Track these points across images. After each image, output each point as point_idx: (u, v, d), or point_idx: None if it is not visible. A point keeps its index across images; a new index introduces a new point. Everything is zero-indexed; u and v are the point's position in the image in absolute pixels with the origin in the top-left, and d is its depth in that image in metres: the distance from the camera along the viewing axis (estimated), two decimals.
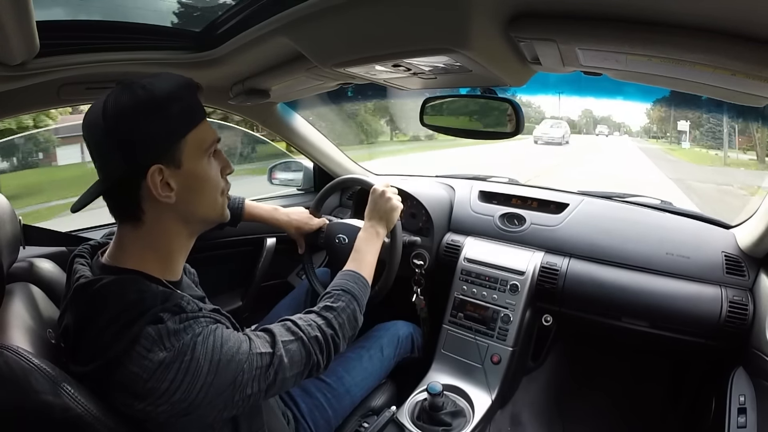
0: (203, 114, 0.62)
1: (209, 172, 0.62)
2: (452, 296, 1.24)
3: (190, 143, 0.59)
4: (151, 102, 0.55)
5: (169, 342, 0.52)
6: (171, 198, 0.58)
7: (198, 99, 0.61)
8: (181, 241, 0.64)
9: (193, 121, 0.59)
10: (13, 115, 0.99)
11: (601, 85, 0.96)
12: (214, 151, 0.63)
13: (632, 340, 1.19)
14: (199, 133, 0.60)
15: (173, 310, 0.55)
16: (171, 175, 0.57)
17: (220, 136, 0.63)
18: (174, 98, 0.57)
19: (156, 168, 0.56)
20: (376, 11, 0.60)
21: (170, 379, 0.51)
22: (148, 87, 0.56)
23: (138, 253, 0.60)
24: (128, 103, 0.55)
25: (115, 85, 0.57)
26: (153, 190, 0.56)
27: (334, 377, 0.96)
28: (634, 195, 1.32)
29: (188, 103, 0.59)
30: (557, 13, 0.54)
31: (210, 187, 0.63)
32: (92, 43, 0.79)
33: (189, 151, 0.59)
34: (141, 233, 0.60)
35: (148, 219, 0.59)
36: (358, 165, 1.66)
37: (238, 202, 1.10)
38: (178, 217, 0.61)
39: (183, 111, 0.58)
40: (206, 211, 0.64)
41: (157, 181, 0.56)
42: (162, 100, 0.56)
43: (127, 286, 0.55)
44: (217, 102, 1.20)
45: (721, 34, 0.47)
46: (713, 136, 8.47)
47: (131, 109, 0.55)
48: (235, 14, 0.78)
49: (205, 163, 0.61)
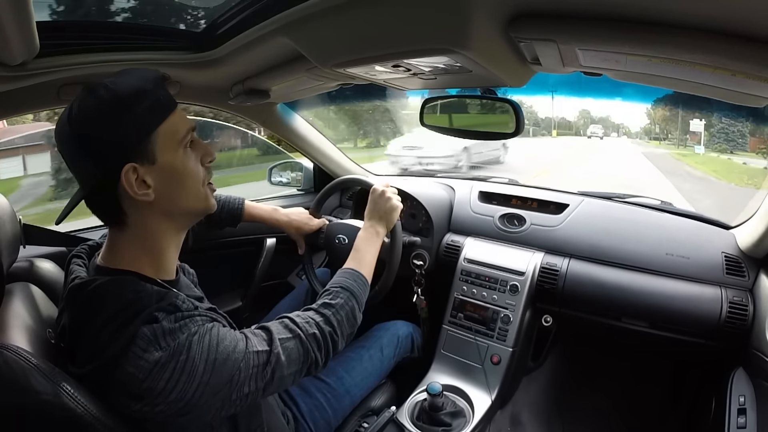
0: (173, 105, 0.59)
1: (186, 163, 0.60)
2: (452, 296, 1.24)
3: (161, 136, 0.57)
4: (115, 101, 0.54)
5: (165, 341, 0.52)
6: (149, 195, 0.57)
7: (166, 90, 0.59)
8: (170, 237, 0.63)
9: (161, 113, 0.57)
10: (13, 115, 0.99)
11: (599, 86, 0.96)
12: (191, 141, 0.61)
13: (632, 341, 1.19)
14: (171, 125, 0.58)
15: (168, 309, 0.55)
16: (146, 172, 0.56)
17: (195, 124, 0.61)
18: (139, 93, 0.55)
19: (129, 167, 0.54)
20: (376, 12, 0.60)
21: (166, 378, 0.51)
22: (111, 86, 0.54)
23: (129, 254, 0.59)
24: (92, 106, 0.54)
25: (80, 91, 0.56)
26: (129, 190, 0.55)
27: (333, 377, 0.96)
28: (633, 195, 1.32)
29: (155, 96, 0.57)
30: (557, 13, 0.54)
31: (189, 179, 0.61)
32: (92, 43, 0.79)
33: (162, 145, 0.57)
34: (128, 236, 0.59)
35: (132, 221, 0.58)
36: (358, 165, 1.66)
37: (238, 202, 1.09)
38: (161, 214, 0.60)
39: (150, 105, 0.56)
40: (190, 204, 0.62)
41: (132, 180, 0.55)
42: (126, 96, 0.55)
43: (123, 286, 0.55)
44: (217, 102, 1.20)
45: (721, 34, 0.47)
46: (726, 138, 6.96)
47: (96, 112, 0.54)
48: (235, 14, 0.78)
49: (181, 155, 0.59)
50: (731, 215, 1.15)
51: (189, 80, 1.02)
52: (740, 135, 6.47)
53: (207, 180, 0.64)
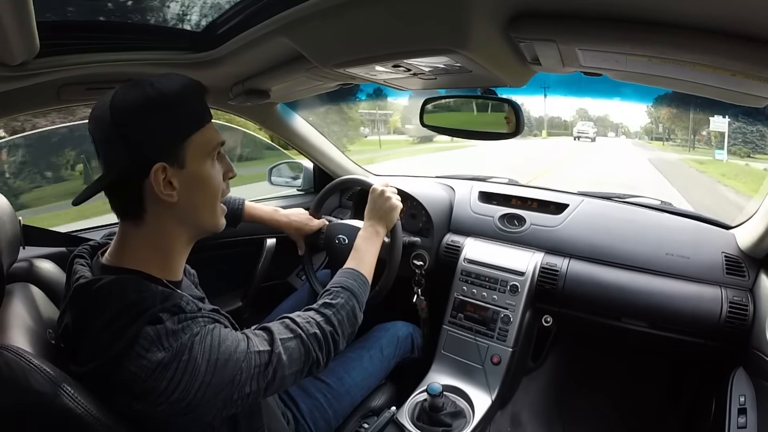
0: (209, 116, 0.62)
1: (212, 174, 0.62)
2: (452, 297, 1.24)
3: (194, 144, 0.59)
4: (160, 100, 0.56)
5: (168, 342, 0.52)
6: (173, 197, 0.58)
7: (204, 101, 0.62)
8: (181, 244, 0.64)
9: (199, 122, 0.60)
10: (13, 115, 0.99)
11: (596, 86, 0.96)
12: (218, 153, 0.63)
13: (632, 341, 1.19)
14: (204, 135, 0.60)
15: (172, 311, 0.55)
16: (174, 174, 0.58)
17: (224, 139, 0.63)
18: (181, 99, 0.58)
19: (160, 166, 0.56)
20: (376, 12, 0.60)
21: (168, 378, 0.51)
22: (157, 85, 0.56)
23: (139, 252, 0.60)
24: (137, 100, 0.55)
25: (124, 83, 0.57)
26: (156, 188, 0.56)
27: (334, 378, 0.96)
28: (633, 195, 1.33)
29: (195, 104, 0.60)
30: (557, 13, 0.54)
31: (212, 189, 0.63)
32: (92, 43, 0.79)
33: (193, 152, 0.59)
34: (142, 232, 0.60)
35: (150, 218, 0.59)
36: (359, 165, 1.66)
37: (238, 203, 1.09)
38: (178, 219, 0.61)
39: (190, 112, 0.59)
40: (206, 216, 0.64)
41: (159, 179, 0.56)
42: (170, 99, 0.57)
43: (128, 286, 0.55)
44: (217, 102, 1.20)
45: (721, 34, 0.47)
46: (744, 139, 5.94)
47: (139, 106, 0.55)
48: (235, 14, 0.78)
49: (208, 165, 0.61)
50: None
51: None
52: (760, 136, 5.39)
53: (224, 195, 0.66)
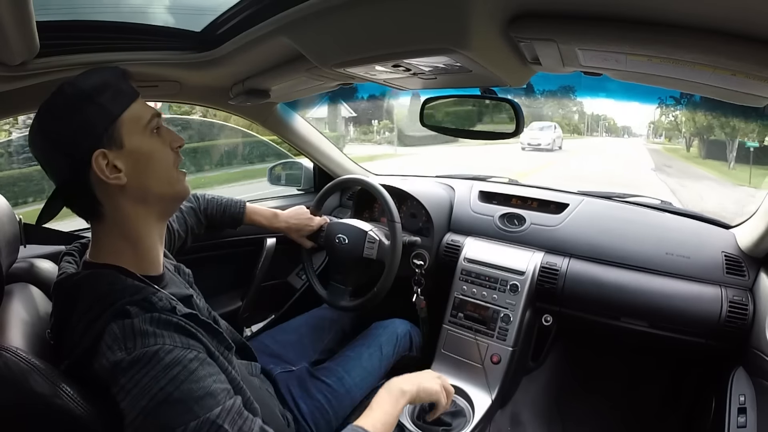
0: (134, 94, 0.62)
1: (154, 146, 0.62)
2: (452, 296, 1.24)
3: (126, 122, 0.59)
4: (78, 93, 0.57)
5: (132, 342, 0.50)
6: (121, 179, 0.58)
7: (127, 82, 0.62)
8: (149, 225, 0.63)
9: (123, 101, 0.60)
10: (13, 114, 0.99)
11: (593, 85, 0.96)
12: (158, 127, 0.63)
13: (632, 340, 1.19)
14: (134, 111, 0.61)
15: (142, 305, 0.53)
16: (116, 156, 0.58)
17: (159, 111, 0.64)
18: (101, 85, 0.58)
19: (99, 152, 0.57)
20: (376, 11, 0.60)
21: (120, 384, 0.49)
22: (75, 83, 0.58)
23: (110, 247, 0.60)
24: (58, 102, 0.57)
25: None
26: (101, 175, 0.57)
27: (334, 378, 0.96)
28: (634, 195, 1.32)
29: (116, 86, 0.60)
30: (557, 13, 0.53)
31: (158, 161, 0.62)
32: (92, 43, 0.78)
33: (128, 130, 0.59)
34: (108, 226, 0.60)
35: (108, 210, 0.60)
36: (359, 165, 1.66)
37: (239, 206, 1.10)
38: (135, 199, 0.61)
39: (112, 94, 0.59)
40: (161, 186, 0.63)
41: (102, 165, 0.57)
42: (89, 90, 0.58)
43: (100, 279, 0.55)
44: (217, 102, 1.20)
45: (721, 34, 0.47)
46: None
47: (61, 106, 0.57)
48: (235, 14, 0.78)
49: (147, 138, 0.62)
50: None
51: (189, 80, 1.02)
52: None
53: (177, 163, 0.66)
